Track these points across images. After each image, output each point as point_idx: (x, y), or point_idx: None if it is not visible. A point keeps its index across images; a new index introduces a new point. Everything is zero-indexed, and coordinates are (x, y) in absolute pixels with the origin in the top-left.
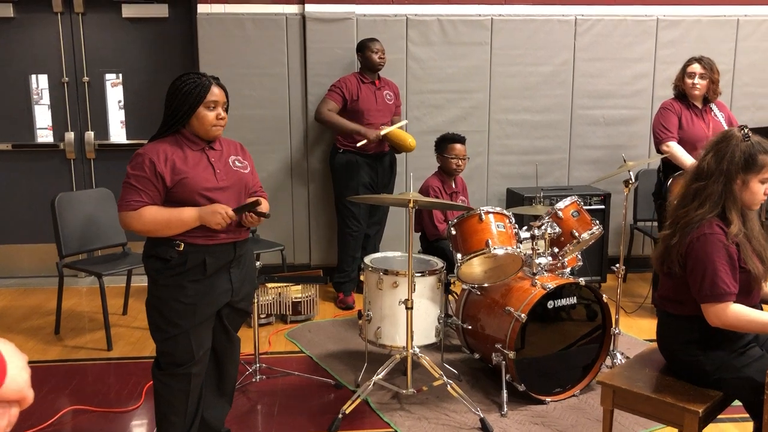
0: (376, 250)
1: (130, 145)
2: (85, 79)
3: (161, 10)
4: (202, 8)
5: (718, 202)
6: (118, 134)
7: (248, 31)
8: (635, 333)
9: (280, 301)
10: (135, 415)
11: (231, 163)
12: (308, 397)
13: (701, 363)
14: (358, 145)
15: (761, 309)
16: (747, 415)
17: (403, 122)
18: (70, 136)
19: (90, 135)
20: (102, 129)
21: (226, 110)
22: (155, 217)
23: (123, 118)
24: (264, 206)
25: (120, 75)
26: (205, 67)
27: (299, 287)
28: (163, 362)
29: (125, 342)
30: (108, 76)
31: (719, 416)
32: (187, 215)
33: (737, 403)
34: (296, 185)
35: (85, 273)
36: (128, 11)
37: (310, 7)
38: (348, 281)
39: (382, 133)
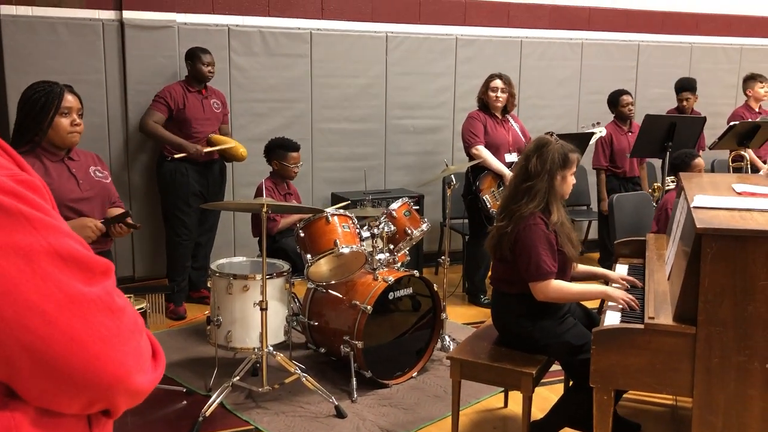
0: (207, 258)
1: None
2: None
3: None
4: (5, 9)
5: (544, 196)
6: None
7: (61, 36)
8: (453, 318)
9: None
10: None
11: (92, 174)
12: (161, 405)
13: (530, 332)
14: (176, 156)
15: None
16: (558, 378)
17: (230, 145)
18: None
19: None
20: None
21: (81, 116)
22: None
23: None
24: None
25: None
26: (11, 72)
27: (138, 299)
28: None
29: None
30: None
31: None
32: None
33: (554, 368)
34: None
35: None
36: None
37: (128, 14)
38: (179, 291)
39: (204, 151)
